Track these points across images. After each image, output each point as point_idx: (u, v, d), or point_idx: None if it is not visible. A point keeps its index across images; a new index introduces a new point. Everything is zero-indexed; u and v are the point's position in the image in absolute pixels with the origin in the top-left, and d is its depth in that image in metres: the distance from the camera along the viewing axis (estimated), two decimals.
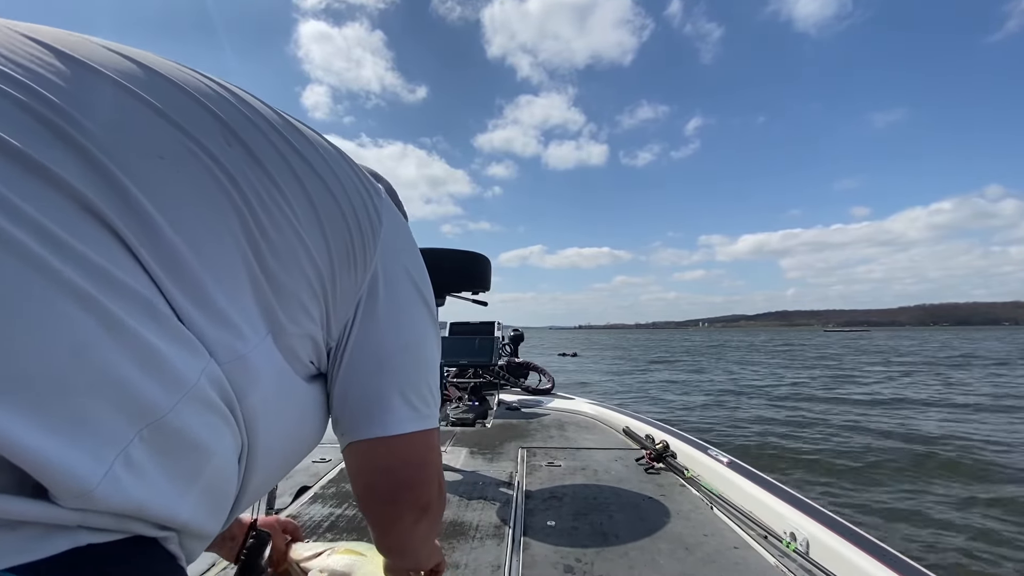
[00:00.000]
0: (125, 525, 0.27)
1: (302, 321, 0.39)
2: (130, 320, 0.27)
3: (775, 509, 1.23)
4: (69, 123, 0.28)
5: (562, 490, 1.51)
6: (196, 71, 0.39)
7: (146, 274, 0.29)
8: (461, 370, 3.45)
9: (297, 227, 0.38)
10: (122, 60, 0.34)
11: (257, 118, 0.40)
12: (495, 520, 1.28)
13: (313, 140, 0.45)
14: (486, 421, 2.47)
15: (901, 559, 0.96)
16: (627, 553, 1.10)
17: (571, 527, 1.23)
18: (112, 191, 0.28)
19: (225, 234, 0.34)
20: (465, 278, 1.77)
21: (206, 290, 0.32)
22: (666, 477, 1.62)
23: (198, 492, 0.31)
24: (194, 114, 0.35)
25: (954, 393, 9.99)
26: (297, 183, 0.40)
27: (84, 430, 0.24)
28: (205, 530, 0.33)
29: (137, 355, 0.27)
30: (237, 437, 0.34)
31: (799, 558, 1.05)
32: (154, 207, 0.30)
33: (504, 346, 3.82)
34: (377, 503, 0.50)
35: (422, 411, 0.48)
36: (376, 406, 0.46)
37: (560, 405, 2.85)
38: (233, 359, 0.33)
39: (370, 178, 0.51)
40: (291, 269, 0.38)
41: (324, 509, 1.35)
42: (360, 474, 0.48)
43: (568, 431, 2.27)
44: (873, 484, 4.24)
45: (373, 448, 0.46)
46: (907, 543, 3.07)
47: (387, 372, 0.46)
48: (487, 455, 1.89)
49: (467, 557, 1.07)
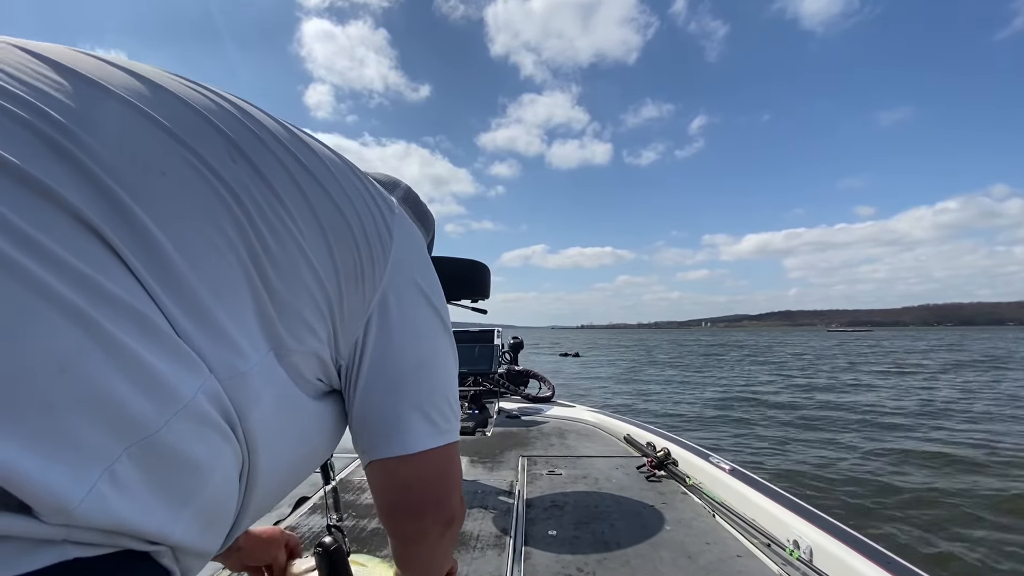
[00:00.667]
0: (114, 540, 0.27)
1: (306, 339, 0.39)
2: (122, 335, 0.26)
3: (778, 517, 1.22)
4: (69, 139, 0.28)
5: (563, 498, 1.49)
6: (203, 86, 0.40)
7: (143, 289, 0.29)
8: (461, 378, 3.43)
9: (302, 243, 0.38)
10: (128, 77, 0.34)
11: (263, 133, 0.40)
12: (496, 529, 1.27)
13: (321, 154, 0.44)
14: (486, 429, 2.46)
15: (907, 567, 0.95)
16: (629, 562, 1.09)
17: (572, 536, 1.22)
18: (110, 206, 0.28)
19: (226, 250, 0.34)
20: (464, 286, 1.77)
21: (205, 306, 0.31)
22: (668, 485, 1.61)
23: (194, 510, 0.31)
24: (199, 130, 0.35)
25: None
26: (302, 198, 0.39)
27: (67, 447, 0.24)
28: (202, 548, 0.33)
29: (128, 370, 0.26)
30: (238, 454, 0.34)
31: (803, 566, 1.04)
32: (153, 223, 0.30)
33: (504, 354, 3.81)
34: (401, 520, 0.50)
35: (441, 426, 0.48)
36: (395, 425, 0.46)
37: (560, 413, 2.84)
38: (233, 375, 0.32)
39: (382, 192, 0.51)
40: (294, 286, 0.37)
41: (324, 520, 1.34)
42: (383, 492, 0.49)
43: (569, 439, 2.26)
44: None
45: (394, 466, 0.46)
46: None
47: (404, 390, 0.46)
48: (487, 464, 1.88)
49: (468, 567, 1.06)
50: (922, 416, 7.62)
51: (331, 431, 0.46)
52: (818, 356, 24.70)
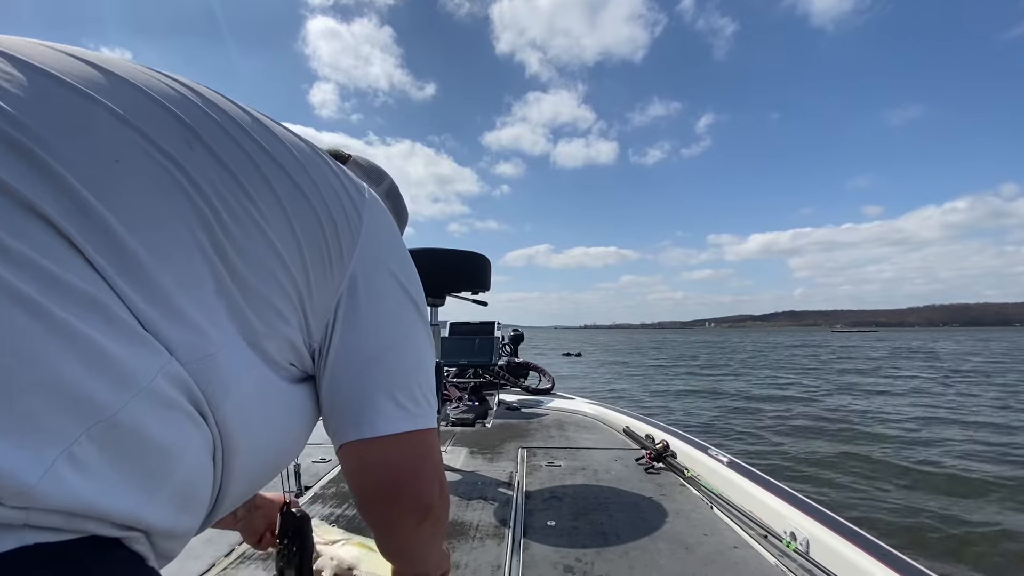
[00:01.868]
0: (78, 524, 0.27)
1: (275, 323, 0.39)
2: (76, 321, 0.27)
3: (775, 509, 1.23)
4: (18, 129, 0.28)
5: (562, 490, 1.50)
6: (162, 73, 0.39)
7: (100, 277, 0.29)
8: (461, 370, 3.44)
9: (265, 229, 0.38)
10: (84, 66, 0.34)
11: (223, 119, 0.40)
12: (495, 520, 1.28)
13: (286, 140, 0.44)
14: (486, 421, 2.47)
15: (902, 559, 0.96)
16: (627, 553, 1.10)
17: (571, 527, 1.23)
18: (62, 195, 0.28)
19: (185, 236, 0.34)
20: (465, 278, 1.77)
21: (164, 290, 0.32)
22: (666, 477, 1.62)
23: (167, 492, 0.31)
24: (154, 117, 0.35)
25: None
26: (265, 184, 0.39)
27: (23, 429, 0.24)
28: (177, 530, 0.33)
29: (83, 355, 0.27)
30: (208, 437, 0.34)
31: (799, 558, 1.05)
32: (107, 210, 0.30)
33: (504, 346, 3.82)
34: (374, 504, 0.49)
35: (412, 411, 0.47)
36: (364, 407, 0.45)
37: (560, 405, 2.85)
38: (199, 359, 0.33)
39: (352, 177, 0.51)
40: (259, 272, 0.38)
41: (324, 509, 1.35)
42: (353, 475, 0.48)
43: (568, 431, 2.27)
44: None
45: (364, 449, 0.46)
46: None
47: (372, 372, 0.46)
48: (487, 455, 1.89)
49: (467, 557, 1.07)
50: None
51: (311, 415, 0.46)
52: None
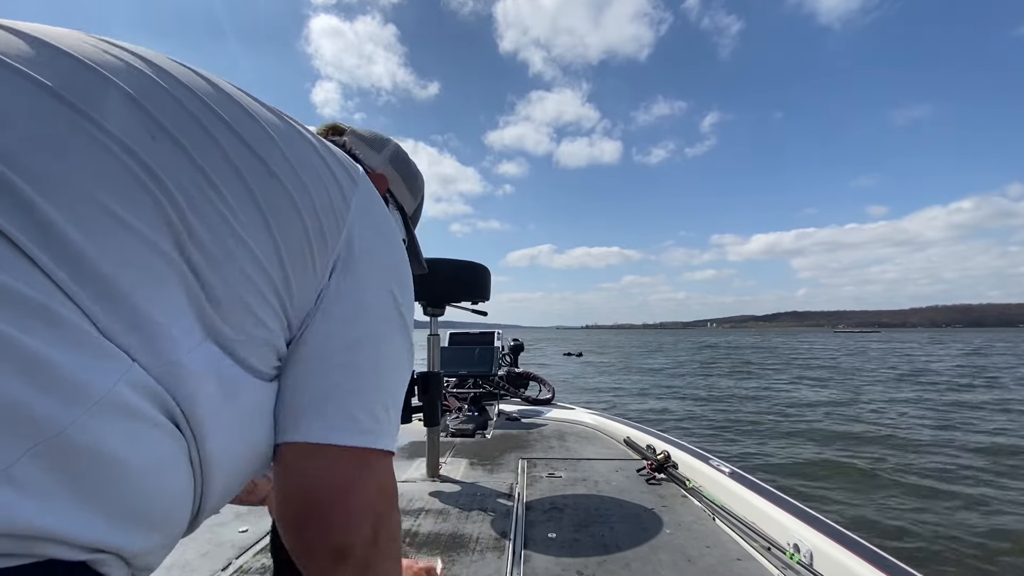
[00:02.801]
0: (32, 548, 0.25)
1: (249, 324, 0.36)
2: (16, 332, 0.25)
3: (778, 520, 1.22)
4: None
5: (563, 501, 1.49)
6: (104, 40, 0.35)
7: (46, 277, 0.27)
8: (461, 380, 3.43)
9: (234, 226, 0.35)
10: (18, 40, 0.31)
11: (186, 96, 0.36)
12: (495, 532, 1.26)
13: (260, 117, 0.40)
14: (486, 432, 2.45)
15: (906, 571, 0.94)
16: (628, 565, 1.09)
17: (572, 539, 1.22)
18: (8, 199, 0.26)
19: (146, 232, 0.31)
20: (464, 287, 1.77)
21: (121, 292, 0.29)
22: (667, 488, 1.60)
23: (133, 508, 0.29)
24: (104, 97, 0.31)
25: None
26: (235, 175, 0.36)
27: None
28: (148, 545, 0.31)
29: (25, 369, 0.25)
30: (183, 445, 0.32)
31: (803, 570, 1.04)
32: (52, 206, 0.27)
33: (504, 356, 3.81)
34: (283, 528, 0.41)
35: (363, 423, 0.40)
36: (307, 408, 0.40)
37: (560, 415, 2.83)
38: (165, 364, 0.31)
39: (341, 159, 0.47)
40: (229, 272, 0.35)
41: None
42: (275, 486, 0.41)
43: (568, 441, 2.26)
44: None
45: (291, 456, 0.40)
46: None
47: (328, 369, 0.41)
48: (487, 466, 1.87)
49: (467, 570, 1.06)
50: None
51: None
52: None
